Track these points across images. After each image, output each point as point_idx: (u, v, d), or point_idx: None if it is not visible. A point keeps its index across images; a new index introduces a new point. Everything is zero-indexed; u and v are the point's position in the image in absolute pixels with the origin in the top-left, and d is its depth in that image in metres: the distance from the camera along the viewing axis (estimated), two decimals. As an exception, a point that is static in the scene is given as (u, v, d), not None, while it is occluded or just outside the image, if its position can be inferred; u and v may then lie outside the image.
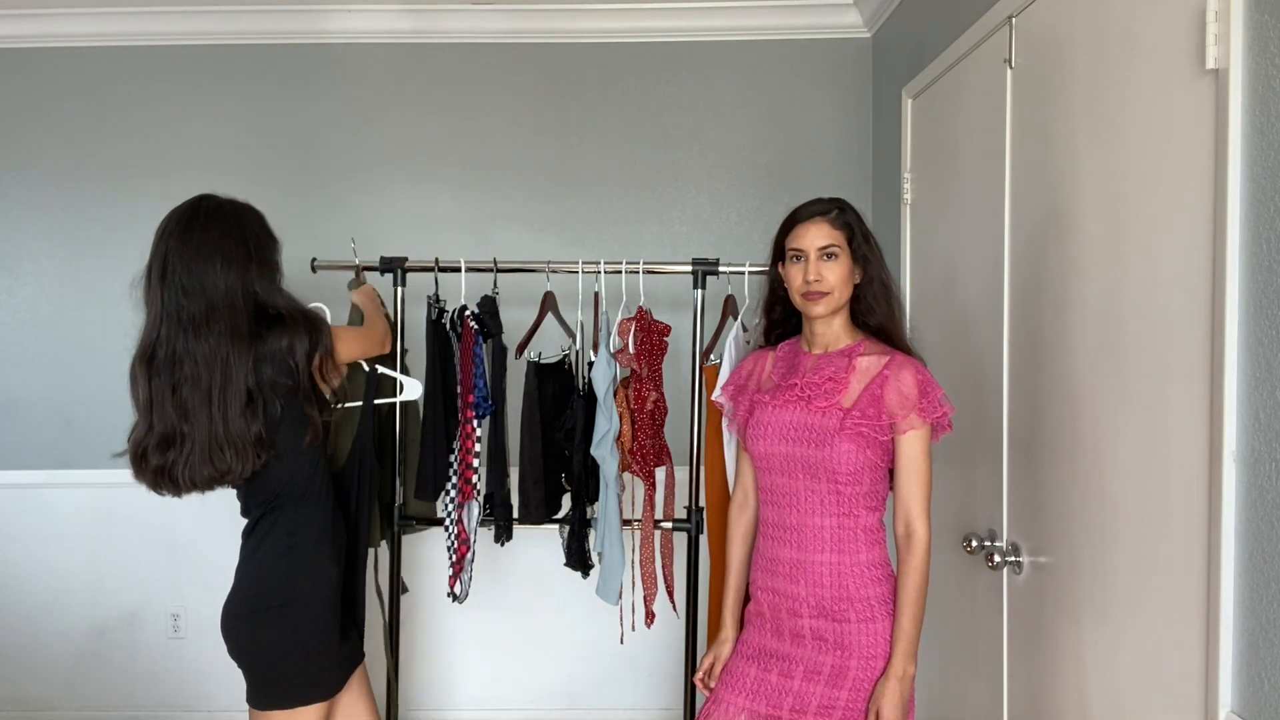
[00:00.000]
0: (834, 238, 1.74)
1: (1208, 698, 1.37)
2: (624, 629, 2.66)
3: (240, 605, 1.85)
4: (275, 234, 1.92)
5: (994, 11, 2.08)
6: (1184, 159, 1.43)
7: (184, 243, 1.77)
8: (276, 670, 1.83)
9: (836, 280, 1.74)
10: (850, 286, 1.77)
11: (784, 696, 1.76)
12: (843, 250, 1.75)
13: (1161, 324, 1.49)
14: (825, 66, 3.29)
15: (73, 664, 3.32)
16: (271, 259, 1.87)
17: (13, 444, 3.32)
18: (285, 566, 1.84)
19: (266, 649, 1.83)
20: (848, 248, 1.75)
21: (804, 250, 1.75)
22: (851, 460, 1.71)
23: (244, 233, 1.82)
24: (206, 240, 1.77)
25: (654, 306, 2.47)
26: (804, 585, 1.76)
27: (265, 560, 1.86)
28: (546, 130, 3.31)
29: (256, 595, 1.84)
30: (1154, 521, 1.51)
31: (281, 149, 3.30)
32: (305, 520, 1.87)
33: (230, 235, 1.80)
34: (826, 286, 1.74)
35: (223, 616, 1.87)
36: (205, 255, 1.76)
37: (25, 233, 3.31)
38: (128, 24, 3.25)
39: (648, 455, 2.41)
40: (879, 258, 1.78)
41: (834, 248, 1.74)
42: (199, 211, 1.82)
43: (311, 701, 1.84)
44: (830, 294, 1.74)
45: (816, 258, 1.74)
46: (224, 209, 1.84)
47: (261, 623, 1.83)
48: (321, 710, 1.87)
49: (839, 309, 1.78)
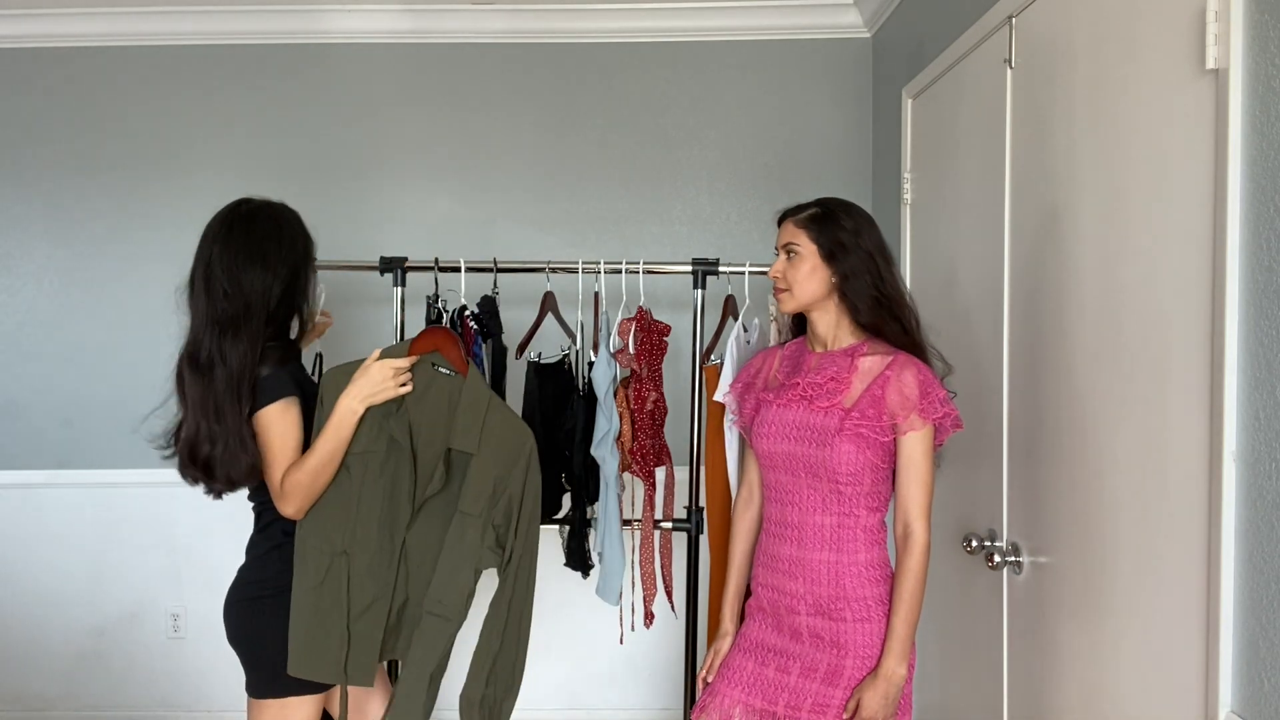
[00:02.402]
0: (795, 236, 1.79)
1: (1208, 698, 1.37)
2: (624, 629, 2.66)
3: (237, 592, 1.90)
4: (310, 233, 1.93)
5: (994, 11, 2.08)
6: (1184, 159, 1.43)
7: (225, 246, 1.81)
8: (267, 659, 1.85)
9: (796, 278, 1.78)
10: (817, 286, 1.78)
11: (780, 692, 1.77)
12: (805, 248, 1.77)
13: (1161, 324, 1.49)
14: (825, 66, 3.29)
15: (73, 664, 3.32)
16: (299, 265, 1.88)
17: (13, 444, 3.32)
18: (279, 558, 1.88)
19: (257, 637, 1.86)
20: (813, 245, 1.77)
21: (777, 248, 1.84)
22: (851, 461, 1.71)
23: (280, 235, 1.86)
24: (247, 243, 1.81)
25: (654, 306, 2.47)
26: (802, 583, 1.76)
27: (264, 551, 1.90)
28: (546, 130, 3.31)
29: (253, 584, 1.89)
30: (1154, 521, 1.51)
31: (281, 149, 3.30)
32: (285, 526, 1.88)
33: (270, 238, 1.84)
34: (784, 284, 1.80)
35: (224, 603, 1.92)
36: (243, 258, 1.80)
37: (25, 233, 3.31)
38: (128, 24, 3.25)
39: (648, 455, 2.41)
40: (863, 260, 1.75)
41: (794, 246, 1.79)
42: (238, 215, 1.86)
43: (303, 693, 1.86)
44: (788, 290, 1.79)
45: (782, 256, 1.81)
46: (262, 211, 1.88)
47: (255, 610, 1.87)
48: (316, 702, 1.88)
49: (807, 306, 1.80)
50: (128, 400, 3.18)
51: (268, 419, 1.79)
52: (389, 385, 1.85)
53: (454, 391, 1.92)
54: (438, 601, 1.88)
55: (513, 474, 1.92)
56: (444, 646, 1.89)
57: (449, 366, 1.94)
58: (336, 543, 1.86)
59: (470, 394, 1.91)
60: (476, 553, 1.89)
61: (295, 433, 1.82)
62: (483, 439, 1.89)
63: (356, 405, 1.82)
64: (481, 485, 1.89)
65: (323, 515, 1.86)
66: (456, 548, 1.88)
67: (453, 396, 1.92)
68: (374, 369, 1.85)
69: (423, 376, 1.92)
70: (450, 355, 1.94)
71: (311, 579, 1.85)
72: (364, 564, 1.87)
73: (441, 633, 1.88)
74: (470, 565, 1.89)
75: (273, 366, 1.80)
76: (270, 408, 1.79)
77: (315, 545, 1.86)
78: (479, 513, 1.89)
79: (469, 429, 1.89)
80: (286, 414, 1.80)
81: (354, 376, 1.85)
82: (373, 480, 1.88)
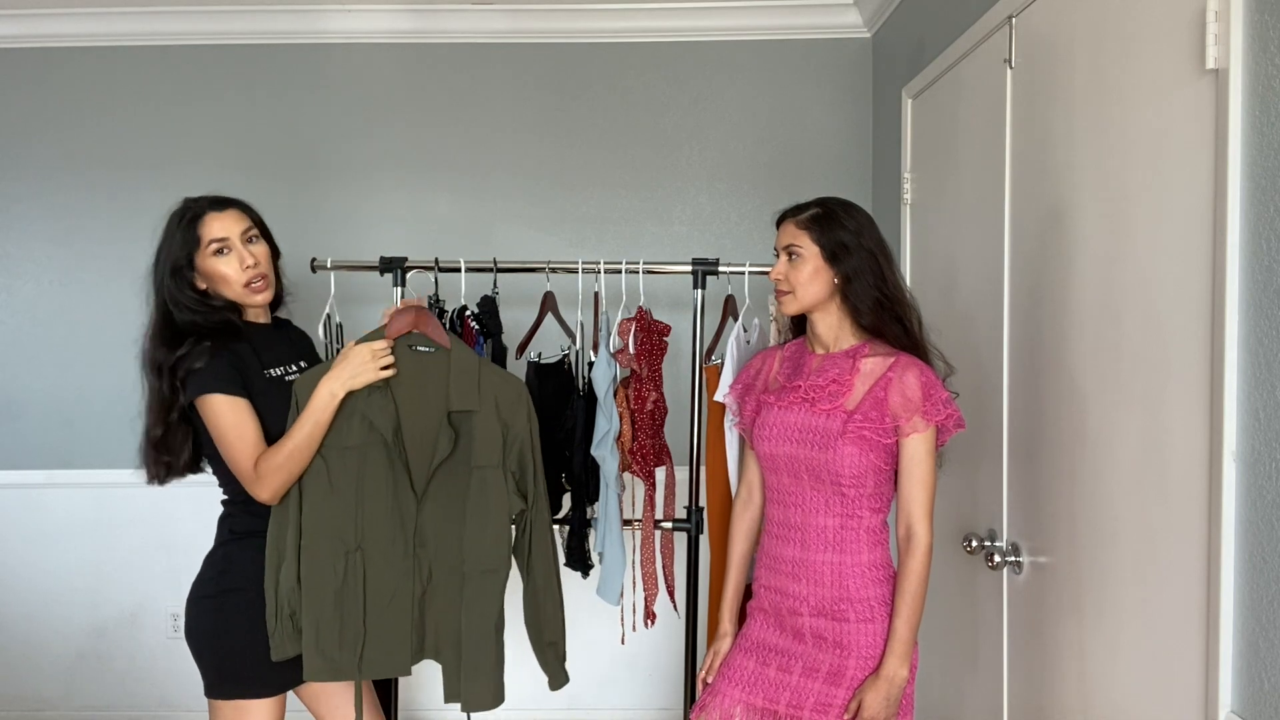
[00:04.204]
0: (797, 238, 1.77)
1: (1208, 698, 1.37)
2: (624, 629, 2.66)
3: (191, 592, 1.91)
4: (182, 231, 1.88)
5: (994, 11, 2.08)
6: (1184, 159, 1.43)
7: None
8: (207, 659, 1.87)
9: (799, 280, 1.76)
10: (820, 287, 1.76)
11: (781, 691, 1.76)
12: (807, 249, 1.76)
13: (1161, 324, 1.49)
14: (825, 66, 3.29)
15: (72, 664, 3.32)
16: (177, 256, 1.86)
17: (13, 444, 3.32)
18: (223, 556, 1.90)
19: (198, 636, 1.88)
20: (815, 247, 1.75)
21: (777, 249, 1.82)
22: (854, 463, 1.71)
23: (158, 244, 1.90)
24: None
25: (654, 306, 2.47)
26: (805, 584, 1.76)
27: (213, 550, 1.92)
28: (547, 130, 3.31)
29: (198, 584, 1.91)
30: (1154, 521, 1.51)
31: (282, 149, 3.30)
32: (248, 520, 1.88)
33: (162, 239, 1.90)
34: (786, 285, 1.78)
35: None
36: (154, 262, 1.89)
37: (25, 233, 3.31)
38: (128, 24, 3.25)
39: (648, 455, 2.41)
40: (865, 261, 1.74)
41: (796, 247, 1.77)
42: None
43: (258, 695, 1.86)
44: (791, 293, 1.77)
45: (783, 257, 1.79)
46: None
47: (200, 610, 1.88)
48: (272, 706, 1.88)
49: (810, 308, 1.79)
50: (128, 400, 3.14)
51: (207, 411, 1.79)
52: (369, 368, 1.84)
53: (439, 364, 1.94)
54: (481, 559, 1.93)
55: (517, 421, 1.96)
56: (499, 599, 1.96)
57: (429, 344, 1.95)
58: (350, 539, 1.87)
59: (459, 360, 1.95)
60: (505, 499, 1.94)
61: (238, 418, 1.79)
62: (481, 395, 1.93)
63: (337, 388, 1.82)
64: (491, 436, 1.93)
65: (329, 514, 1.86)
66: (483, 502, 1.92)
67: (439, 368, 1.94)
68: (353, 353, 1.85)
69: (403, 359, 1.92)
70: (429, 331, 1.95)
71: (331, 581, 1.86)
72: (379, 556, 1.89)
73: (493, 587, 1.95)
74: (503, 513, 1.94)
75: (205, 359, 1.79)
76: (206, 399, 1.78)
77: (328, 546, 1.86)
78: (496, 463, 1.93)
79: (467, 389, 1.92)
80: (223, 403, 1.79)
81: (333, 363, 1.86)
82: (373, 471, 1.89)
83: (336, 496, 1.87)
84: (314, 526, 1.86)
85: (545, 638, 2.03)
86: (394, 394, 1.90)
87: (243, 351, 1.85)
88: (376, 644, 1.89)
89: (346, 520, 1.87)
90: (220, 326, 1.84)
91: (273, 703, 1.88)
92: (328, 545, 1.86)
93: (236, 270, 1.85)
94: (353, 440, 1.87)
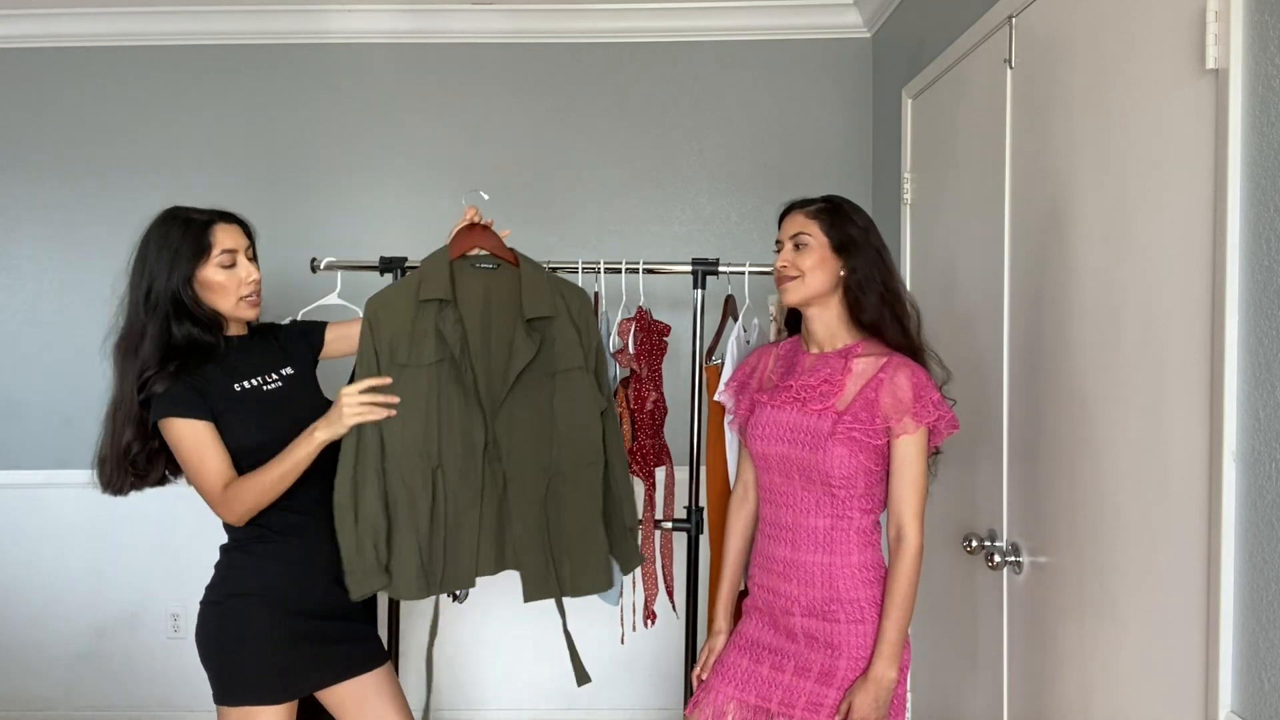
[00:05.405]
0: (805, 226, 1.78)
1: (1208, 698, 1.37)
2: (624, 629, 2.66)
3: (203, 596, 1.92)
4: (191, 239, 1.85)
5: (994, 11, 2.09)
6: (1184, 159, 1.43)
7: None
8: (212, 665, 1.87)
9: (807, 266, 1.76)
10: (826, 277, 1.76)
11: (773, 689, 1.77)
12: (816, 239, 1.76)
13: (1161, 324, 1.49)
14: (825, 66, 3.29)
15: (73, 664, 3.32)
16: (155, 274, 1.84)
17: (13, 444, 3.32)
18: (224, 564, 1.92)
19: (203, 642, 1.88)
20: (824, 237, 1.76)
21: (781, 239, 1.81)
22: (844, 464, 1.71)
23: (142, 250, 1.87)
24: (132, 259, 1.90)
25: (654, 306, 2.47)
26: (796, 584, 1.76)
27: (219, 559, 1.93)
28: (546, 130, 3.31)
29: (206, 590, 1.91)
30: (1154, 521, 1.51)
31: (282, 149, 3.30)
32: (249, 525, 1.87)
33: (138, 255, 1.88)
34: (794, 270, 1.77)
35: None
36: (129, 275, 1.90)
37: (25, 233, 3.31)
38: (128, 24, 3.25)
39: (648, 455, 2.41)
40: (872, 256, 1.76)
41: (804, 235, 1.77)
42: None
43: (254, 703, 1.85)
44: (799, 278, 1.76)
45: (790, 245, 1.79)
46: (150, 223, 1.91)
47: (204, 617, 1.89)
48: (277, 715, 1.86)
49: (815, 298, 1.78)
50: (128, 400, 3.17)
51: (169, 434, 1.80)
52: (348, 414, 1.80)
53: (505, 278, 2.00)
54: (580, 455, 1.96)
55: (590, 325, 2.02)
56: (600, 489, 1.98)
57: (492, 261, 2.01)
58: (434, 456, 1.89)
59: (529, 272, 2.00)
60: (595, 398, 1.97)
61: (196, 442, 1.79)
62: (554, 303, 1.98)
63: (319, 435, 1.79)
64: (570, 340, 1.97)
65: (412, 432, 1.87)
66: (574, 402, 1.96)
67: (507, 282, 1.99)
68: (340, 400, 1.82)
69: (466, 277, 1.98)
70: (492, 247, 2.01)
71: (424, 498, 1.87)
72: (455, 472, 1.91)
73: (595, 478, 1.98)
74: (594, 410, 1.97)
75: (165, 383, 1.79)
76: (167, 423, 1.79)
77: (415, 465, 1.87)
78: (580, 364, 1.97)
79: (540, 297, 1.97)
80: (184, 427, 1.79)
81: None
82: (445, 388, 1.91)
83: (418, 415, 1.88)
84: (401, 447, 1.87)
85: (626, 523, 2.05)
86: (463, 310, 1.95)
87: (209, 372, 1.84)
88: (454, 560, 1.92)
89: (430, 438, 1.89)
90: (189, 346, 1.83)
91: (280, 710, 1.87)
92: (417, 464, 1.88)
93: (238, 283, 1.86)
94: (429, 358, 1.90)
